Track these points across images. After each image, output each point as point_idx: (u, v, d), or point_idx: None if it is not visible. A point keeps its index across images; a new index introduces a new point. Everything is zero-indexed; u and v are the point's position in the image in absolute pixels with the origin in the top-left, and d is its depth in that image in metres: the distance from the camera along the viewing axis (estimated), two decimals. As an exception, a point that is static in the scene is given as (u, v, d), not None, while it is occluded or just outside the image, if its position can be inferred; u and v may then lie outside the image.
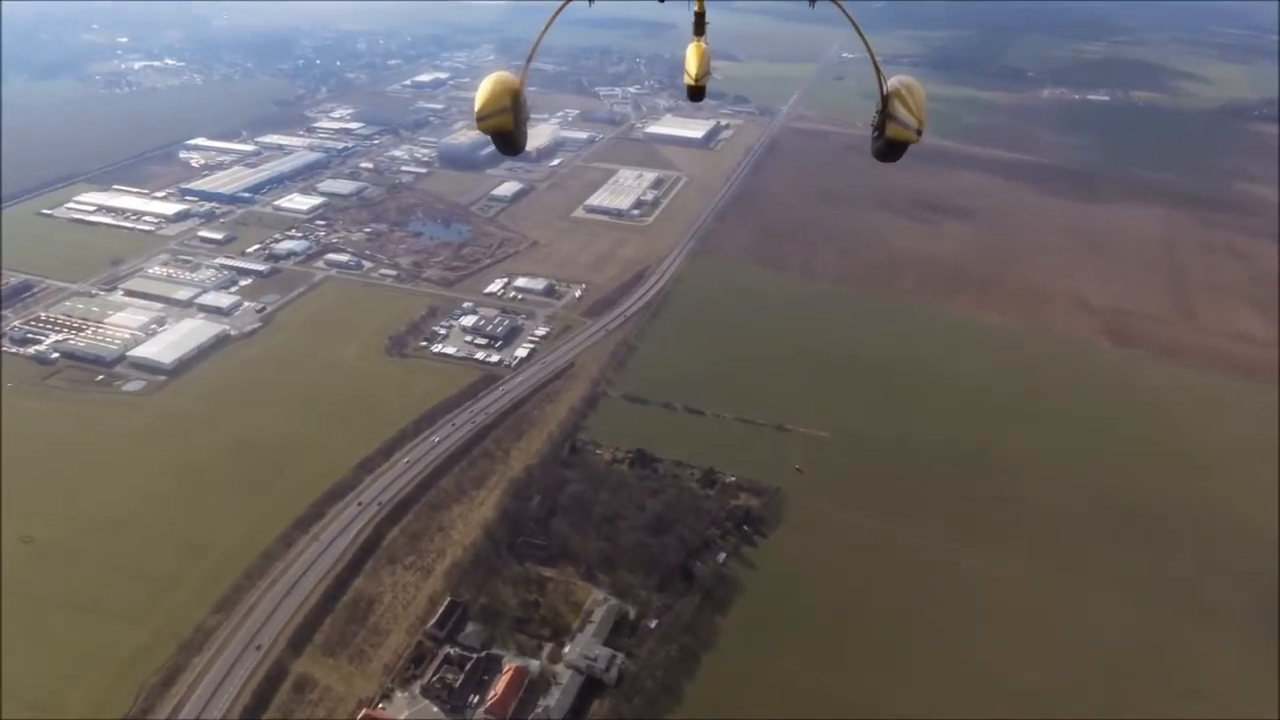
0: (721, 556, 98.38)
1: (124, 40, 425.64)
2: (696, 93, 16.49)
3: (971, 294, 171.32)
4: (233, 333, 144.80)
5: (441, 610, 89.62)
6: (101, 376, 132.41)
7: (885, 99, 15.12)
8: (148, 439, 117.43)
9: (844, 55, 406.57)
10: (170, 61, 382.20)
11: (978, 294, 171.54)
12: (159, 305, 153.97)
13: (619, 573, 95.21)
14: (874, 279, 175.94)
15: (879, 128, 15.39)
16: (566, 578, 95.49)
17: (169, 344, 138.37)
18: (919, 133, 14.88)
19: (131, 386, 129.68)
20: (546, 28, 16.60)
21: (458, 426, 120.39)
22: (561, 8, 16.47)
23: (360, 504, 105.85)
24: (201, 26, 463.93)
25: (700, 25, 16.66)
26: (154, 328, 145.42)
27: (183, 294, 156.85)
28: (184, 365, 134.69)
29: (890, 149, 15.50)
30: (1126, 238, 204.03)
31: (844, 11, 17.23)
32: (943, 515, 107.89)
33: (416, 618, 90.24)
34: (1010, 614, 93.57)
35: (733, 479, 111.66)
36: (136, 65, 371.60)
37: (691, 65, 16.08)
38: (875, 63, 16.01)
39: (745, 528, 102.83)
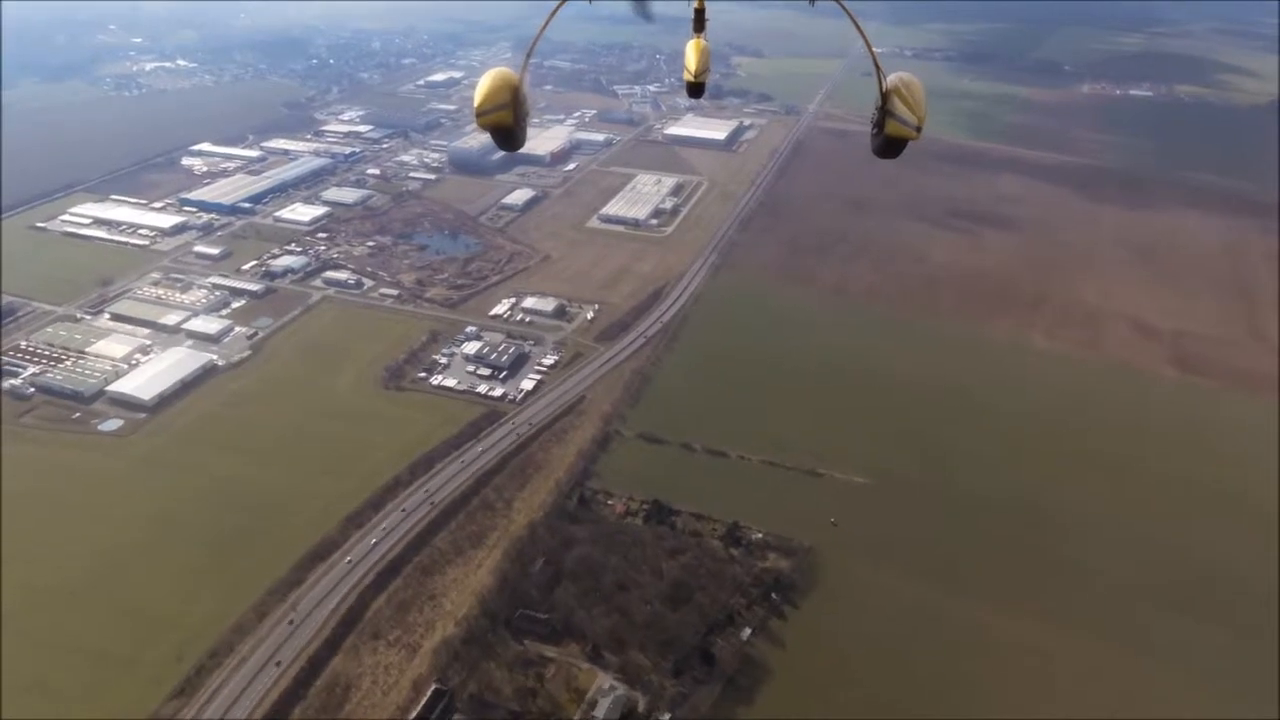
0: (746, 633, 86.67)
1: (139, 41, 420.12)
2: (696, 89, 16.94)
3: (1018, 314, 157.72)
4: (220, 363, 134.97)
5: (425, 700, 78.90)
6: (78, 414, 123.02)
7: (885, 96, 15.10)
8: (119, 488, 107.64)
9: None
10: (182, 62, 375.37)
11: (1025, 314, 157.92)
12: (145, 331, 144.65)
13: (629, 653, 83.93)
14: (911, 297, 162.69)
15: (878, 125, 15.40)
16: (569, 658, 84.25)
17: (151, 377, 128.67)
18: (918, 129, 14.84)
19: (108, 425, 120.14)
20: (545, 25, 16.63)
21: (451, 477, 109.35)
22: (560, 6, 16.66)
23: (349, 561, 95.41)
24: (218, 26, 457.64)
25: (700, 22, 16.72)
26: (137, 358, 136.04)
27: (171, 318, 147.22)
28: (165, 401, 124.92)
29: (890, 146, 15.42)
30: (1185, 249, 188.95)
31: (844, 8, 16.95)
32: (996, 580, 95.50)
33: (397, 707, 79.47)
34: (1076, 707, 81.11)
35: (760, 535, 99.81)
36: (148, 67, 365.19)
37: (691, 62, 16.48)
38: (874, 59, 16.24)
39: (774, 596, 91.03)
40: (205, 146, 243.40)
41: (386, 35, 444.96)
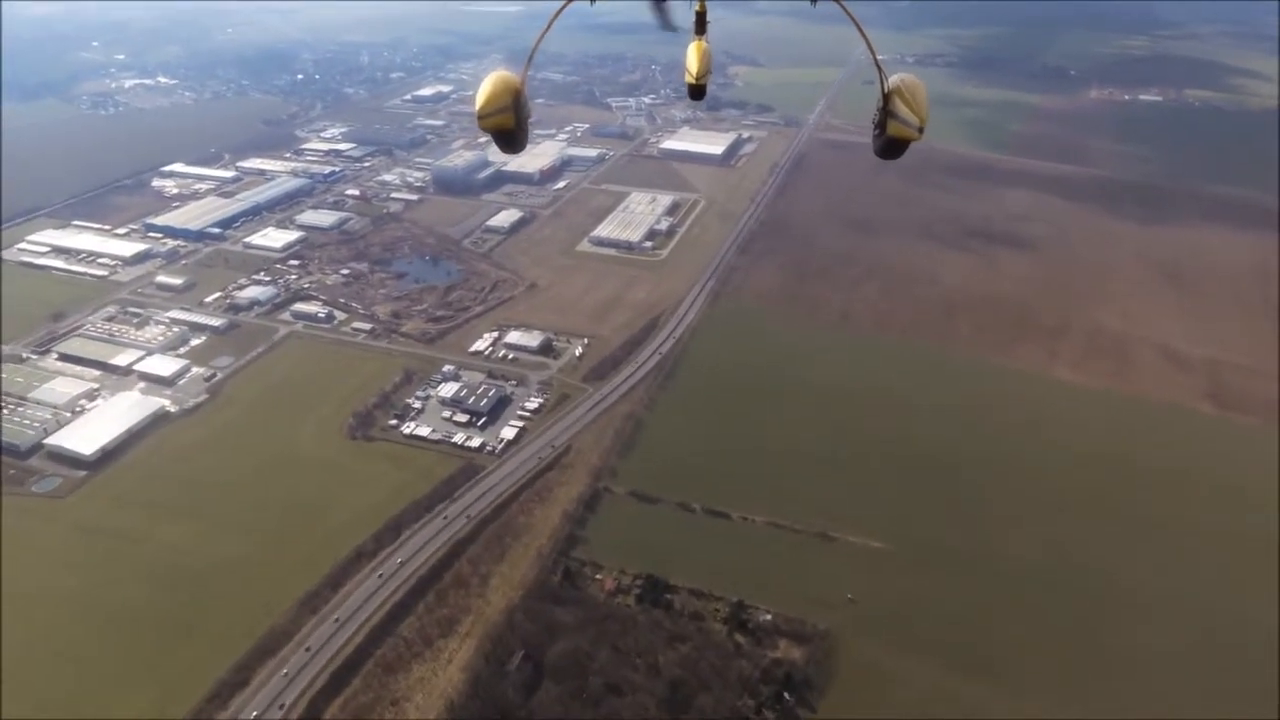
0: (756, 746, 75.02)
1: (121, 57, 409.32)
2: (697, 91, 16.86)
3: (1039, 343, 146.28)
4: (173, 409, 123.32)
5: (381, 839, 67.10)
6: (13, 471, 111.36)
7: (886, 96, 15.20)
8: (46, 563, 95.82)
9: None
10: (163, 79, 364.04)
11: (1046, 343, 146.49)
12: (94, 373, 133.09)
13: (621, 774, 72.21)
14: (924, 326, 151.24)
15: (880, 125, 15.48)
16: (551, 781, 72.54)
17: (95, 428, 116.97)
18: (920, 130, 14.88)
19: (43, 486, 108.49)
20: (547, 29, 16.58)
21: (420, 548, 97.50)
22: (561, 9, 16.28)
23: (307, 649, 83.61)
24: (204, 41, 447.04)
25: (701, 25, 16.91)
26: (82, 404, 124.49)
27: (123, 358, 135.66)
28: (109, 455, 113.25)
29: (891, 146, 15.54)
30: (1211, 268, 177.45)
31: (846, 11, 16.79)
32: (1043, 667, 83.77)
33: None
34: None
35: (768, 616, 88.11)
36: (127, 84, 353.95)
37: (692, 64, 16.51)
38: (876, 61, 16.29)
39: (787, 696, 79.23)
40: (178, 167, 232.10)
41: (375, 48, 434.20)
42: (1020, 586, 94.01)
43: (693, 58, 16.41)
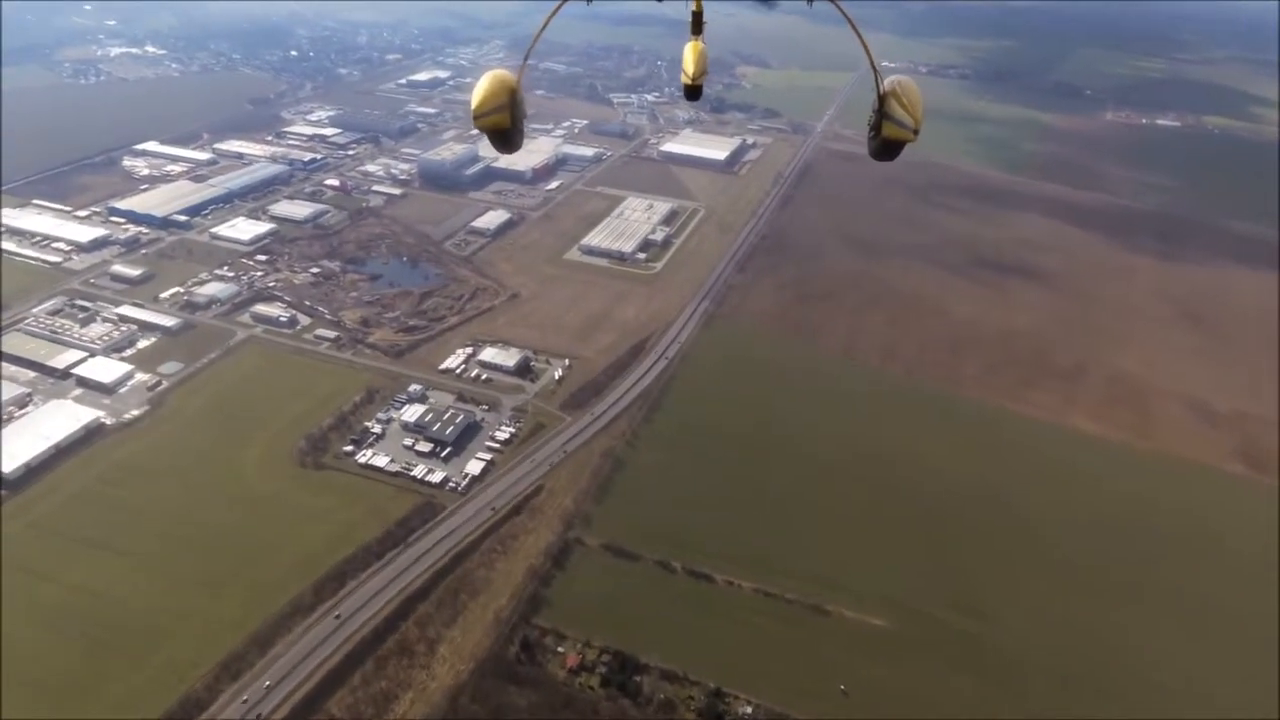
0: None
1: (112, 23, 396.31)
2: (694, 92, 16.65)
3: (1055, 389, 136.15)
4: (109, 421, 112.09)
5: None
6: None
7: (882, 99, 15.12)
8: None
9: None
10: (151, 49, 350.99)
11: (1063, 387, 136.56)
12: (29, 375, 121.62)
13: None
14: (931, 362, 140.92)
15: (875, 127, 15.39)
16: None
17: (20, 441, 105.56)
18: (915, 132, 14.77)
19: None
20: (544, 27, 16.42)
21: (364, 602, 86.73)
22: (559, 7, 16.46)
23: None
24: (199, 10, 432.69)
25: (698, 24, 16.66)
26: (11, 411, 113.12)
27: (62, 359, 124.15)
28: (33, 473, 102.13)
29: (887, 148, 15.48)
30: (1235, 310, 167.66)
31: (841, 11, 16.95)
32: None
33: None
34: None
35: (749, 709, 77.80)
36: (113, 52, 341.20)
37: (689, 65, 16.25)
38: (872, 63, 16.13)
39: (765, 812, 69.02)
40: (151, 146, 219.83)
41: (374, 28, 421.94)
42: (1032, 678, 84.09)
43: (689, 58, 16.13)
